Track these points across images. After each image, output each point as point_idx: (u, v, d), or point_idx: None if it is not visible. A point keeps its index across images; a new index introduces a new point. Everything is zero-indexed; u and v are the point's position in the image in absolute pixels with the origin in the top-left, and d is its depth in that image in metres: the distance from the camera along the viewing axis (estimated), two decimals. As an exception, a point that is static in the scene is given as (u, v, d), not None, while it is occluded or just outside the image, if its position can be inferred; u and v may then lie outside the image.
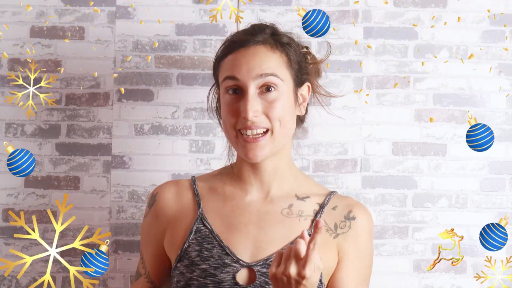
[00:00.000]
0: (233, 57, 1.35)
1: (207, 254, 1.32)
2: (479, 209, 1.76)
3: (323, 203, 1.39)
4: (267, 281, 1.29)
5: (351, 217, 1.38)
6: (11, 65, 1.74)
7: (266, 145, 1.32)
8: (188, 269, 1.32)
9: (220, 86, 1.38)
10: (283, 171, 1.40)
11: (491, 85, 1.77)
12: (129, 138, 1.76)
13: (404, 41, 1.77)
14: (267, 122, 1.32)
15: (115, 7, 1.76)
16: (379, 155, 1.76)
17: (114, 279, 1.73)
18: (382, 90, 1.77)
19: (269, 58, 1.34)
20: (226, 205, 1.38)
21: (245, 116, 1.30)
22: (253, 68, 1.32)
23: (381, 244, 1.74)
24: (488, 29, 1.77)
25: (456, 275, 1.74)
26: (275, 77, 1.32)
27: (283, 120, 1.33)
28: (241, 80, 1.31)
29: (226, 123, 1.35)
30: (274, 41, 1.37)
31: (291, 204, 1.38)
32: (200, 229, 1.35)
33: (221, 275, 1.30)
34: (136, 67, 1.76)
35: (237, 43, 1.36)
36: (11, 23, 1.75)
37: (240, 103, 1.32)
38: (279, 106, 1.32)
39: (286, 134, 1.35)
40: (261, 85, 1.32)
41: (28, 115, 1.64)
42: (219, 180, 1.43)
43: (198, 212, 1.38)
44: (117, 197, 1.75)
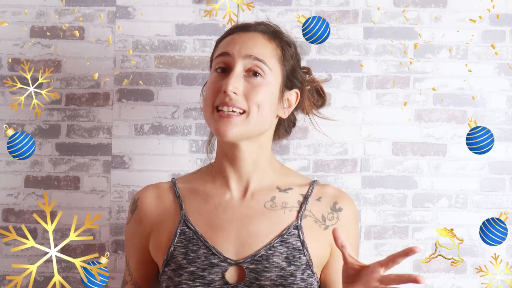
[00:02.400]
0: (230, 38, 1.37)
1: (193, 256, 1.31)
2: (479, 209, 1.76)
3: (307, 194, 1.39)
4: (257, 277, 1.29)
5: (337, 209, 1.39)
6: (11, 65, 1.74)
7: (239, 124, 1.31)
8: (176, 273, 1.31)
9: (211, 68, 1.39)
10: (263, 165, 1.39)
11: (491, 85, 1.77)
12: (129, 138, 1.76)
13: (404, 41, 1.77)
14: (244, 104, 1.31)
15: (115, 7, 1.76)
16: (379, 155, 1.76)
17: (114, 279, 1.73)
18: (382, 90, 1.77)
19: (263, 45, 1.35)
20: (207, 204, 1.37)
21: (225, 90, 1.29)
22: (246, 48, 1.33)
23: (381, 244, 1.74)
24: (488, 29, 1.77)
25: (456, 275, 1.74)
26: (263, 64, 1.33)
27: (261, 107, 1.32)
28: (231, 55, 1.32)
29: (206, 100, 1.35)
30: (273, 35, 1.39)
31: (274, 196, 1.37)
32: (185, 231, 1.34)
33: (210, 276, 1.29)
34: (136, 67, 1.76)
35: (238, 27, 1.39)
36: (11, 23, 1.75)
37: (223, 81, 1.32)
38: (261, 93, 1.32)
39: (262, 122, 1.34)
40: (248, 68, 1.32)
41: (37, 114, 1.62)
42: (199, 180, 1.42)
43: (180, 214, 1.37)
44: (117, 197, 1.75)
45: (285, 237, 1.32)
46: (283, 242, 1.31)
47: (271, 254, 1.30)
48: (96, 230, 1.73)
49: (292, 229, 1.33)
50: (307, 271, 1.31)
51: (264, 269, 1.29)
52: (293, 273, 1.29)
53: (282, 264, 1.29)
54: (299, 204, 1.37)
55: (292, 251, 1.31)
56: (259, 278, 1.28)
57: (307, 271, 1.31)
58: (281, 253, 1.30)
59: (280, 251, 1.30)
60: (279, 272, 1.29)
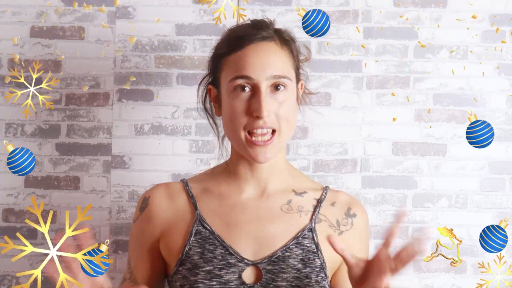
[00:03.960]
0: (241, 54, 1.31)
1: (210, 255, 1.31)
2: (479, 209, 1.76)
3: (321, 198, 1.39)
4: (273, 278, 1.29)
5: (352, 214, 1.39)
6: (11, 65, 1.74)
7: (274, 146, 1.31)
8: (192, 272, 1.31)
9: (224, 85, 1.34)
10: (280, 167, 1.39)
11: (491, 85, 1.77)
12: (129, 138, 1.76)
13: (404, 41, 1.77)
14: (275, 122, 1.30)
15: (115, 7, 1.76)
16: (379, 155, 1.76)
17: (114, 279, 1.73)
18: (382, 90, 1.77)
19: (279, 56, 1.32)
20: (223, 204, 1.37)
21: (258, 115, 1.27)
22: (267, 68, 1.29)
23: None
24: (488, 29, 1.77)
25: (456, 275, 1.74)
26: (285, 78, 1.31)
27: (290, 121, 1.32)
28: (255, 79, 1.29)
29: (234, 122, 1.31)
30: (280, 38, 1.35)
31: (290, 199, 1.38)
32: (200, 231, 1.34)
33: (227, 276, 1.29)
34: (136, 67, 1.76)
35: (244, 39, 1.32)
36: (11, 23, 1.75)
37: (251, 102, 1.29)
38: (288, 106, 1.31)
39: (290, 133, 1.35)
40: (271, 84, 1.30)
41: (25, 114, 1.62)
42: (213, 180, 1.41)
43: (195, 214, 1.36)
44: (117, 197, 1.75)
45: (300, 239, 1.32)
46: (298, 244, 1.32)
47: (288, 256, 1.30)
48: (94, 225, 1.73)
49: (306, 231, 1.34)
50: (321, 273, 1.31)
51: (281, 270, 1.29)
52: (308, 275, 1.30)
53: (298, 265, 1.30)
54: (313, 207, 1.38)
55: (307, 253, 1.31)
56: (276, 279, 1.29)
57: (321, 274, 1.31)
58: (296, 255, 1.31)
59: (296, 253, 1.31)
60: (295, 274, 1.29)
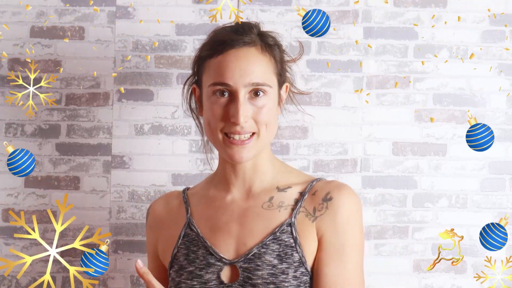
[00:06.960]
0: (222, 59, 1.32)
1: (193, 256, 1.33)
2: (479, 209, 1.76)
3: (304, 191, 1.37)
4: (249, 276, 1.28)
5: (328, 199, 1.34)
6: (11, 65, 1.75)
7: (252, 147, 1.32)
8: (177, 274, 1.34)
9: (205, 87, 1.35)
10: (263, 167, 1.39)
11: (491, 85, 1.77)
12: (129, 138, 1.76)
13: (404, 41, 1.77)
14: (254, 126, 1.31)
15: (115, 7, 1.76)
16: (379, 155, 1.76)
17: (114, 279, 1.73)
18: (382, 90, 1.77)
19: (260, 62, 1.32)
20: (210, 207, 1.39)
21: (235, 121, 1.29)
22: (246, 75, 1.30)
23: (381, 244, 1.75)
24: (488, 29, 1.77)
25: (456, 275, 1.74)
26: (265, 85, 1.31)
27: (269, 125, 1.33)
28: (233, 86, 1.30)
29: (212, 125, 1.33)
30: (262, 43, 1.35)
31: (272, 197, 1.37)
32: (188, 233, 1.37)
33: (207, 275, 1.30)
34: (136, 67, 1.76)
35: (225, 43, 1.33)
36: (11, 23, 1.75)
37: (229, 107, 1.30)
38: (267, 111, 1.32)
39: (270, 137, 1.36)
40: (250, 90, 1.31)
41: (28, 115, 1.64)
42: (207, 184, 1.45)
43: (186, 218, 1.40)
44: (117, 197, 1.75)
45: (278, 234, 1.31)
46: (275, 240, 1.31)
47: (263, 252, 1.30)
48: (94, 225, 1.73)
49: (285, 226, 1.32)
50: (300, 268, 1.29)
51: (256, 268, 1.29)
52: (284, 271, 1.29)
53: (274, 261, 1.29)
54: (295, 201, 1.36)
55: (284, 248, 1.30)
56: (252, 277, 1.29)
57: (300, 269, 1.29)
58: (273, 250, 1.30)
59: (272, 249, 1.30)
60: (271, 270, 1.28)
